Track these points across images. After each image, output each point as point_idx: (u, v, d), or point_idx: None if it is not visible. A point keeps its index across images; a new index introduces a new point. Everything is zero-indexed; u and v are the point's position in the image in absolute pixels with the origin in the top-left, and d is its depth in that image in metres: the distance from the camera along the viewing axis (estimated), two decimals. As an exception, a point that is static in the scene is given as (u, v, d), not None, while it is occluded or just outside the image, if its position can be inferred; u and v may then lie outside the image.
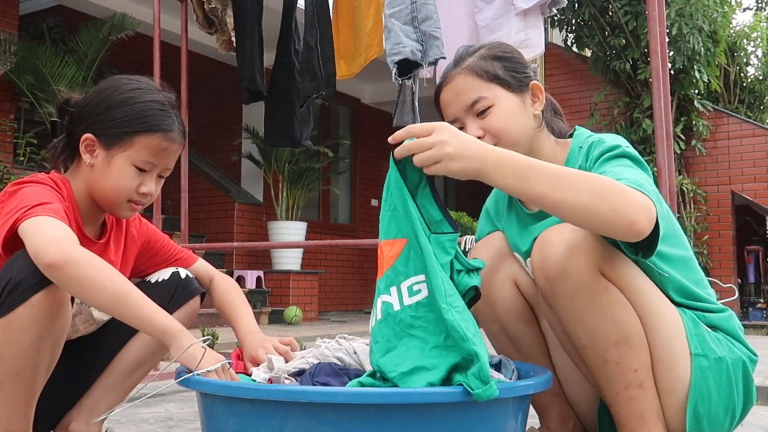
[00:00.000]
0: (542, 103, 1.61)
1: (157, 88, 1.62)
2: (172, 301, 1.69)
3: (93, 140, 1.55)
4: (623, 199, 1.25)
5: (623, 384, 1.41)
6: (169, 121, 1.57)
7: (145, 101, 1.56)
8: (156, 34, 3.23)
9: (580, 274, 1.37)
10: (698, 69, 7.89)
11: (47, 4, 7.84)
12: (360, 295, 9.85)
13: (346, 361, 1.48)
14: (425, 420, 1.22)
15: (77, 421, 1.65)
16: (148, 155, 1.55)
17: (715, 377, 1.44)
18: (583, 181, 1.28)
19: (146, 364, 1.73)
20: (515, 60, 1.62)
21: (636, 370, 1.41)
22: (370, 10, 3.34)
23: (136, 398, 1.52)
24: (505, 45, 1.68)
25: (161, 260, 1.79)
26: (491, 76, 1.57)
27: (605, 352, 1.40)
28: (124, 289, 1.35)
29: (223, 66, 8.25)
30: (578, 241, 1.38)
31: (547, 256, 1.40)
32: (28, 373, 1.37)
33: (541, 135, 1.62)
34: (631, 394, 1.41)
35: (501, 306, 1.67)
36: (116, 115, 1.54)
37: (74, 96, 1.62)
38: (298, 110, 3.34)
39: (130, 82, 1.60)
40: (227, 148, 8.52)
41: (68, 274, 1.30)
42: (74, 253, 1.31)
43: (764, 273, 8.96)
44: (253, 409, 1.26)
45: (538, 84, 1.61)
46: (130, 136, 1.54)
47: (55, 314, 1.35)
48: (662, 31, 2.52)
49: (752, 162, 8.17)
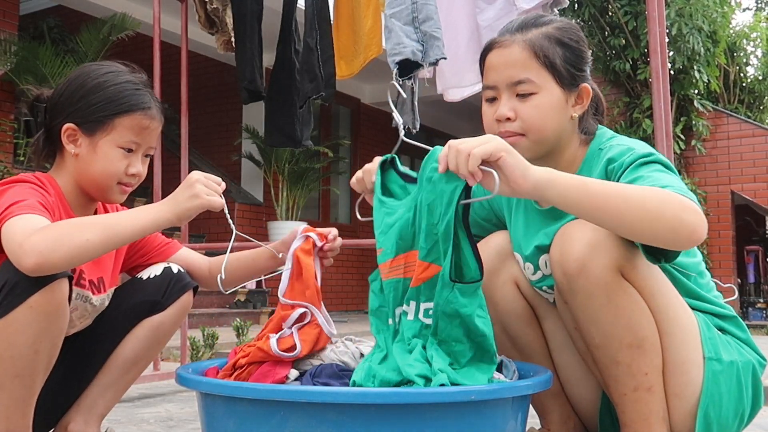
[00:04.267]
0: (584, 107, 1.55)
1: (127, 69, 1.63)
2: (165, 295, 1.69)
3: (75, 129, 1.56)
4: (681, 207, 1.23)
5: (632, 386, 1.40)
6: (145, 99, 1.59)
7: (119, 83, 1.58)
8: (156, 34, 3.23)
9: (599, 273, 1.35)
10: (698, 69, 7.90)
11: (47, 4, 7.84)
12: (360, 295, 9.85)
13: (352, 365, 1.48)
14: (425, 420, 1.22)
15: (76, 421, 1.65)
16: (131, 135, 1.57)
17: (726, 381, 1.43)
18: (640, 195, 1.25)
19: (143, 361, 1.73)
20: (578, 52, 1.53)
21: (646, 374, 1.39)
22: (369, 9, 3.34)
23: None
24: (575, 30, 1.56)
25: (151, 248, 1.80)
26: (548, 62, 1.49)
27: (617, 353, 1.39)
28: (105, 225, 1.37)
29: (223, 66, 8.25)
30: (600, 239, 1.35)
31: (568, 252, 1.37)
32: (27, 373, 1.37)
33: (571, 136, 1.57)
34: (639, 396, 1.40)
35: (502, 307, 1.66)
36: (94, 100, 1.55)
37: (44, 91, 1.62)
38: (298, 110, 3.34)
39: (100, 67, 1.61)
40: (227, 148, 8.53)
41: (53, 263, 1.29)
42: (41, 246, 1.27)
43: (764, 273, 8.96)
44: (253, 409, 1.26)
45: (588, 88, 1.54)
46: (111, 119, 1.55)
47: (52, 315, 1.35)
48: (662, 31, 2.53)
49: (752, 162, 8.17)
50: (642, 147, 1.45)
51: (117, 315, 1.70)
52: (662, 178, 1.32)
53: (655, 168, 1.37)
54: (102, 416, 1.69)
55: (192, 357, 3.91)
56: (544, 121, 1.50)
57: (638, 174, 1.36)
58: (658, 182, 1.30)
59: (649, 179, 1.33)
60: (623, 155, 1.44)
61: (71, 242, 1.30)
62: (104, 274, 1.68)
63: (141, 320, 1.69)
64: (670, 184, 1.29)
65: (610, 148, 1.50)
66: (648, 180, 1.32)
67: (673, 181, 1.31)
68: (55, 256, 1.28)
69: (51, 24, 7.51)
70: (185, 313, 1.77)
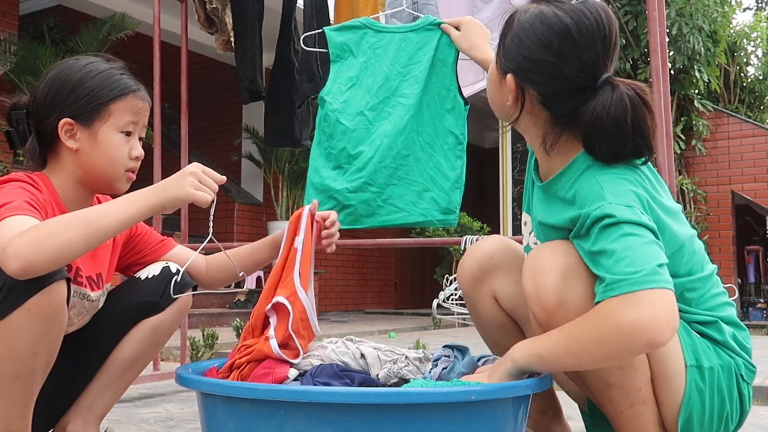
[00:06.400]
0: (515, 102, 1.46)
1: (102, 59, 1.64)
2: (164, 296, 1.68)
3: (71, 124, 1.55)
4: (621, 333, 1.20)
5: (627, 404, 1.39)
6: (131, 81, 1.62)
7: (103, 70, 1.59)
8: (156, 34, 3.23)
9: (578, 303, 1.31)
10: (698, 69, 7.90)
11: (47, 4, 7.84)
12: (360, 295, 9.85)
13: (352, 366, 1.48)
14: (425, 420, 1.22)
15: (74, 422, 1.64)
16: (129, 116, 1.59)
17: (708, 387, 1.41)
18: (588, 336, 1.25)
19: (141, 362, 1.73)
20: (519, 43, 1.44)
21: (640, 389, 1.38)
22: (368, 9, 3.34)
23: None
24: (546, 24, 1.41)
25: (145, 246, 1.80)
26: (502, 35, 1.49)
27: (609, 377, 1.37)
28: (86, 221, 1.33)
29: (223, 66, 8.26)
30: (572, 265, 1.33)
31: (541, 285, 1.34)
32: (26, 375, 1.36)
33: (529, 127, 1.49)
34: (636, 411, 1.39)
35: (483, 317, 1.68)
36: (84, 91, 1.56)
37: (21, 97, 1.61)
38: (297, 110, 3.34)
39: (78, 60, 1.62)
40: (227, 148, 8.53)
41: (36, 267, 1.27)
42: (23, 251, 1.25)
43: (764, 273, 8.95)
44: (253, 409, 1.26)
45: (510, 82, 1.45)
46: (106, 106, 1.56)
47: (51, 317, 1.35)
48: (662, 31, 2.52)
49: (752, 162, 8.17)
50: (610, 203, 1.31)
51: (115, 315, 1.69)
52: (624, 256, 1.24)
53: (618, 235, 1.27)
54: (101, 417, 1.68)
55: (192, 357, 3.91)
56: (490, 92, 1.54)
57: (602, 247, 1.27)
58: (618, 265, 1.23)
59: (613, 257, 1.25)
60: (591, 202, 1.33)
61: (53, 243, 1.28)
62: (102, 269, 1.67)
63: (140, 321, 1.69)
64: (631, 264, 1.22)
65: (584, 176, 1.40)
66: (612, 258, 1.25)
67: (635, 252, 1.23)
68: (37, 259, 1.26)
69: (51, 24, 7.51)
70: (184, 313, 1.76)
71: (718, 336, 1.45)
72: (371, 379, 1.46)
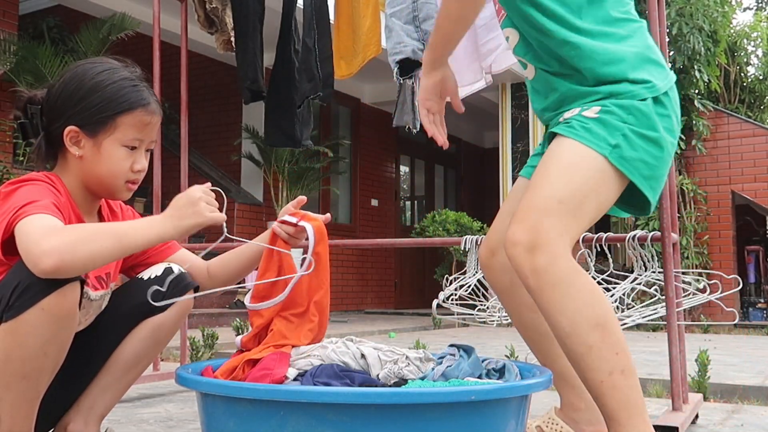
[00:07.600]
0: None
1: (121, 65, 1.63)
2: (166, 296, 1.68)
3: (77, 132, 1.55)
4: None
5: (607, 370, 1.42)
6: (144, 95, 1.59)
7: (116, 81, 1.57)
8: (156, 34, 3.23)
9: (560, 267, 1.43)
10: (698, 69, 7.90)
11: (47, 4, 7.85)
12: (360, 295, 9.85)
13: (352, 366, 1.47)
14: (425, 420, 1.22)
15: (75, 422, 1.64)
16: (134, 132, 1.57)
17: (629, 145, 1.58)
18: None
19: (143, 362, 1.73)
20: None
21: (617, 354, 1.42)
22: (368, 9, 3.34)
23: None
24: None
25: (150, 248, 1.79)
26: None
27: (588, 336, 1.42)
28: (117, 234, 1.37)
29: (223, 66, 8.26)
30: (544, 233, 1.44)
31: (520, 264, 1.45)
32: (34, 375, 1.37)
33: None
34: (615, 381, 1.42)
35: (497, 287, 1.85)
36: (93, 102, 1.55)
37: (37, 93, 1.61)
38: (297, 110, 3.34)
39: (94, 66, 1.60)
40: (227, 148, 8.53)
41: (70, 267, 1.29)
42: (61, 248, 1.28)
43: (764, 273, 8.96)
44: (253, 409, 1.26)
45: None
46: (112, 119, 1.55)
47: (63, 318, 1.35)
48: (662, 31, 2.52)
49: (752, 162, 8.17)
50: None
51: (117, 315, 1.69)
52: None
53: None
54: (102, 416, 1.68)
55: (192, 357, 3.91)
56: None
57: None
58: None
59: None
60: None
61: (90, 248, 1.30)
62: (109, 268, 1.69)
63: (141, 321, 1.69)
64: None
65: None
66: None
67: None
68: (73, 260, 1.28)
69: (51, 24, 7.52)
70: (186, 313, 1.76)
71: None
72: (371, 380, 1.45)
